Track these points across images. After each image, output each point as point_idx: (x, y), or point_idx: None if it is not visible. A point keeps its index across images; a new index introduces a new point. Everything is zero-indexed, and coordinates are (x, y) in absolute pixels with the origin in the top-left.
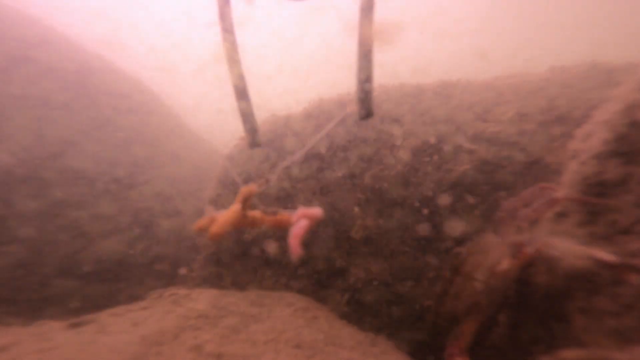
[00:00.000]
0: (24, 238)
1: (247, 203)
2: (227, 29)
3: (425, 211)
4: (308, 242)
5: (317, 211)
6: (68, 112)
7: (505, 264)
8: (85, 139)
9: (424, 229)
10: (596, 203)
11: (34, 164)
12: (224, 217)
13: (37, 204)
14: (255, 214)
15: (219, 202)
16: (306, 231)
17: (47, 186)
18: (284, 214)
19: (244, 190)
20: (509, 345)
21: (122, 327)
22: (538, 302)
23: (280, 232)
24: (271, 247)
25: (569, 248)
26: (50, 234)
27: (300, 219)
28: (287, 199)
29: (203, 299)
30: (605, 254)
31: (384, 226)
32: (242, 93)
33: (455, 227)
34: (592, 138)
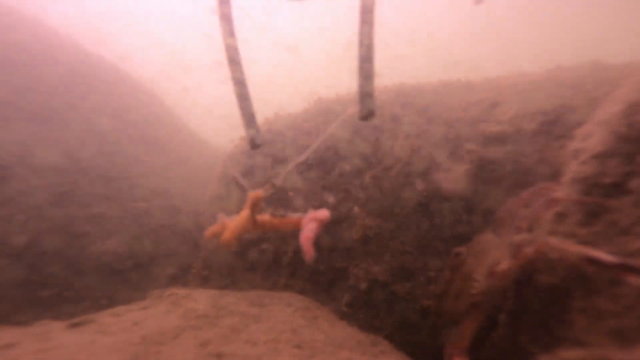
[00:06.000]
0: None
1: (255, 208)
2: (227, 29)
3: (426, 211)
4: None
5: (325, 213)
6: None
7: (504, 264)
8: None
9: (424, 228)
10: (596, 203)
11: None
12: (234, 223)
13: (34, 201)
14: (265, 218)
15: (219, 203)
16: (316, 233)
17: (41, 184)
18: (292, 217)
19: (252, 195)
20: (509, 345)
21: (122, 327)
22: (538, 302)
23: (282, 232)
24: (271, 248)
25: (569, 248)
26: (49, 233)
27: (310, 222)
28: (287, 200)
29: (203, 299)
30: (605, 254)
31: (384, 226)
32: (242, 92)
33: (456, 227)
34: (592, 138)
